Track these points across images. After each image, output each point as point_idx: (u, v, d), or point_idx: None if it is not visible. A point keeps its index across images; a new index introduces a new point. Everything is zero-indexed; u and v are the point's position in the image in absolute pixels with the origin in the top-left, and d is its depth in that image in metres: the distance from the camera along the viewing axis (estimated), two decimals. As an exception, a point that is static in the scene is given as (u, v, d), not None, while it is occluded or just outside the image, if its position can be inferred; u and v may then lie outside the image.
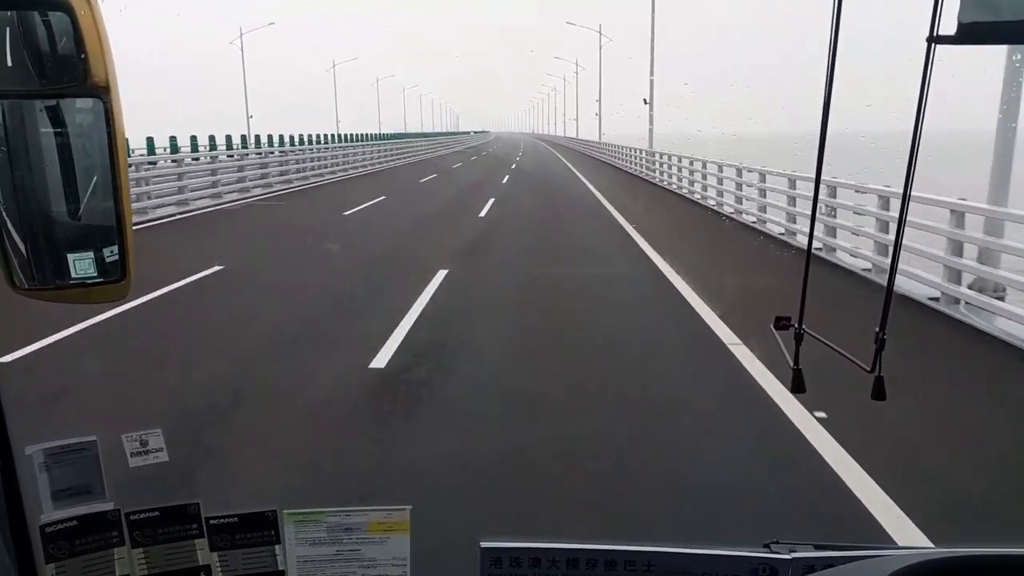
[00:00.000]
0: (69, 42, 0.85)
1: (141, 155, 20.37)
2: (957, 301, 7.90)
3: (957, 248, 8.07)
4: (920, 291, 8.34)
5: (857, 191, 10.56)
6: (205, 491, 3.92)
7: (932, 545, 3.21)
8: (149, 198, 17.21)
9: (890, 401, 1.16)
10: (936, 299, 8.14)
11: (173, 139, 22.85)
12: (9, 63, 0.89)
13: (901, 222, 1.20)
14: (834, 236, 10.92)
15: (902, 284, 8.41)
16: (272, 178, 24.72)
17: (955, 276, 8.05)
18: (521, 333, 7.54)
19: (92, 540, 1.23)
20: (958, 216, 8.04)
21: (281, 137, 30.62)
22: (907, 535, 3.51)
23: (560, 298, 8.99)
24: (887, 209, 9.64)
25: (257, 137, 29.21)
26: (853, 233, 10.49)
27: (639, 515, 3.78)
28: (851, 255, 10.41)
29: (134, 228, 0.97)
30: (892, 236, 9.33)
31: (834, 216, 10.94)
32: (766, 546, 1.27)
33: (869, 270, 9.77)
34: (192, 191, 19.28)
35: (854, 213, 10.34)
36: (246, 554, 1.28)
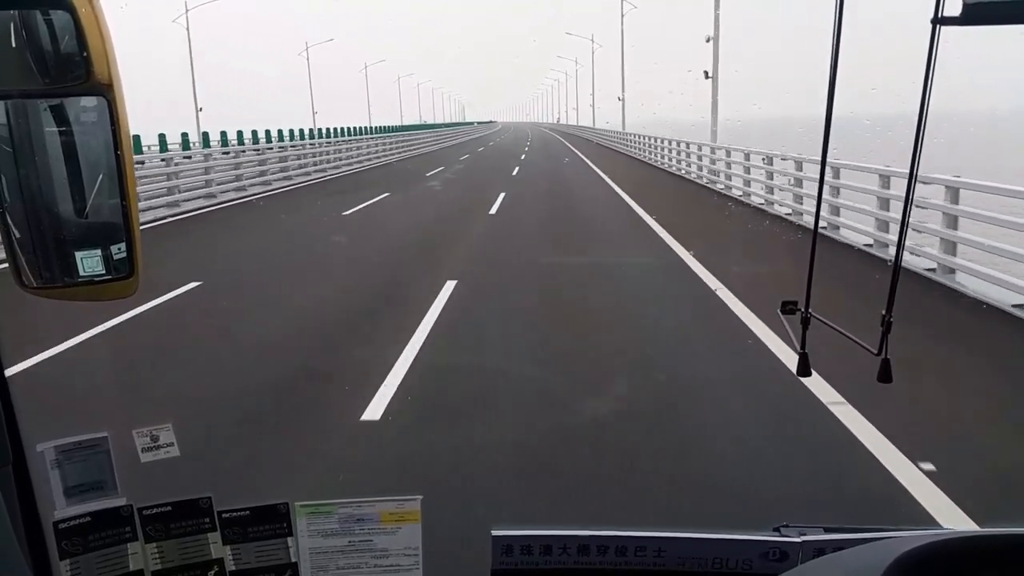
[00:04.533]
0: (71, 40, 0.85)
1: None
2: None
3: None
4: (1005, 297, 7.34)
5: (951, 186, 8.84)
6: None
7: (944, 527, 3.21)
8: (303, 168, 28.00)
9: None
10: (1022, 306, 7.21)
11: (270, 131, 29.57)
12: (12, 62, 0.89)
13: (908, 203, 1.20)
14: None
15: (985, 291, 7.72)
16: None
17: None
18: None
19: (105, 536, 1.24)
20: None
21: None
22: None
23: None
24: (956, 201, 8.63)
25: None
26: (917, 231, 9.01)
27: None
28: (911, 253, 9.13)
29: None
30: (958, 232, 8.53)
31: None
32: (776, 530, 1.27)
33: (933, 270, 8.84)
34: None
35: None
36: (258, 547, 1.29)
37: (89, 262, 0.96)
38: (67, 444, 1.22)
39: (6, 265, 0.96)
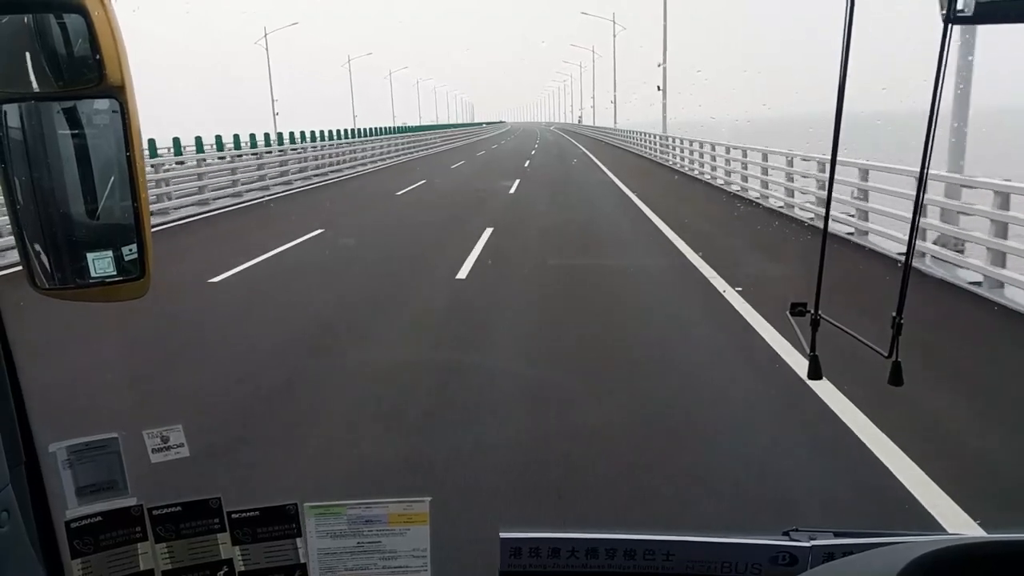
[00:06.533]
0: (84, 43, 0.86)
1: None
2: None
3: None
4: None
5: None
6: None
7: (955, 532, 3.19)
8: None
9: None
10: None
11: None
12: (26, 65, 0.90)
13: (918, 203, 1.19)
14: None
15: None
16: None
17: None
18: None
19: (116, 535, 1.25)
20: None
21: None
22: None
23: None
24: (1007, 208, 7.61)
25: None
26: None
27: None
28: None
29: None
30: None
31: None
32: (785, 533, 1.27)
33: (979, 283, 7.86)
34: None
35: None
36: (268, 547, 1.29)
37: (101, 263, 0.97)
38: (78, 444, 1.22)
39: (21, 267, 0.97)
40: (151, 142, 21.02)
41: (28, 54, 0.89)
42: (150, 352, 6.61)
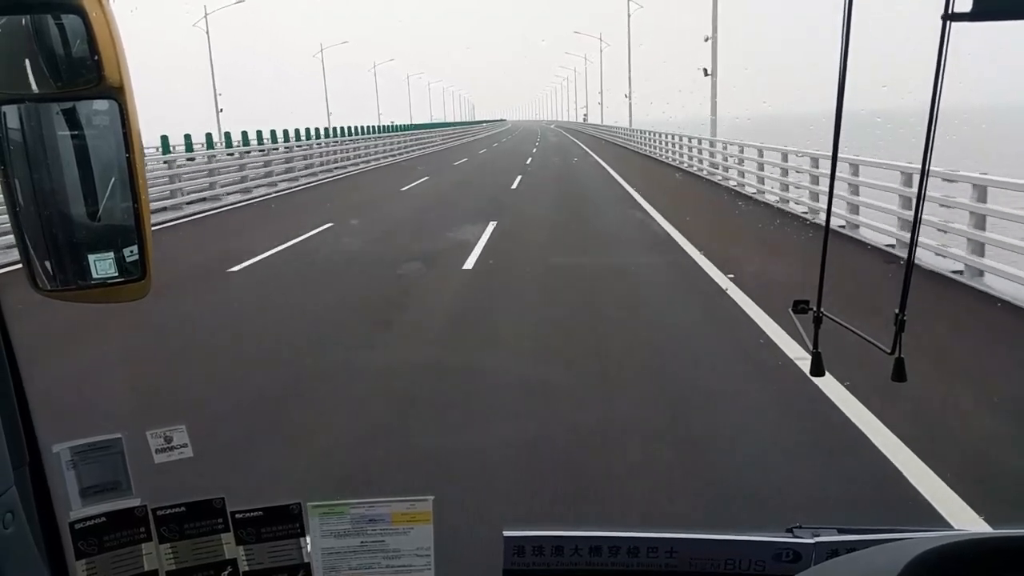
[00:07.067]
0: (83, 44, 0.86)
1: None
2: None
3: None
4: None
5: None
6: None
7: (961, 528, 3.18)
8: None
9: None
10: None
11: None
12: (25, 67, 0.90)
13: (919, 201, 1.19)
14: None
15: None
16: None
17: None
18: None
19: (120, 536, 1.25)
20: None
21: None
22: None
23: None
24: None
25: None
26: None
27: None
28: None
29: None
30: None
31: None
32: (789, 531, 1.27)
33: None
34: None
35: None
36: (271, 547, 1.29)
37: (102, 265, 0.97)
38: (82, 445, 1.22)
39: (21, 267, 0.97)
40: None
41: (27, 55, 0.89)
42: None
